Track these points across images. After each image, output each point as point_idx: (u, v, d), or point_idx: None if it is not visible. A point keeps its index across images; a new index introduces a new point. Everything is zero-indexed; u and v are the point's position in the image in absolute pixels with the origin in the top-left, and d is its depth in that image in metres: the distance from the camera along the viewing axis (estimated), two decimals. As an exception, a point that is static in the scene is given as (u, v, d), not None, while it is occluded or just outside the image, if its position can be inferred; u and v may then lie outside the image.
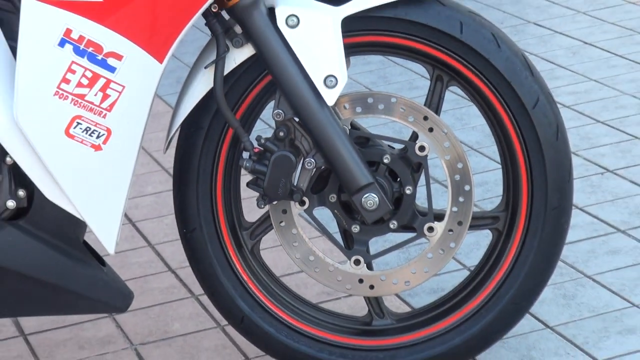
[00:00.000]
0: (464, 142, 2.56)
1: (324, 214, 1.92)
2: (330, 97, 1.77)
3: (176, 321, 2.18)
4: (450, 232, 1.80)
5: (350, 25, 1.77)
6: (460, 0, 1.92)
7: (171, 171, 2.60)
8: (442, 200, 2.10)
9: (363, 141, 1.88)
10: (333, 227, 1.91)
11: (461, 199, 1.83)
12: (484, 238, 2.17)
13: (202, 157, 1.90)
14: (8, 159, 1.75)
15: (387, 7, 1.78)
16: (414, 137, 1.88)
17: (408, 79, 3.35)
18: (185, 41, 1.80)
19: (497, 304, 1.82)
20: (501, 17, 3.65)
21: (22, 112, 1.69)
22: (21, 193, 1.79)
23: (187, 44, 2.27)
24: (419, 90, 3.26)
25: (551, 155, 1.78)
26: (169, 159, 2.14)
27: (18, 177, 1.79)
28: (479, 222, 1.89)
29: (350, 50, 1.81)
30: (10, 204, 1.78)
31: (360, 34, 1.82)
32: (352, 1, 1.78)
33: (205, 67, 1.80)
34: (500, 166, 1.90)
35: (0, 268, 1.80)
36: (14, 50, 1.73)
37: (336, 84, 1.77)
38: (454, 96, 2.54)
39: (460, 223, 1.81)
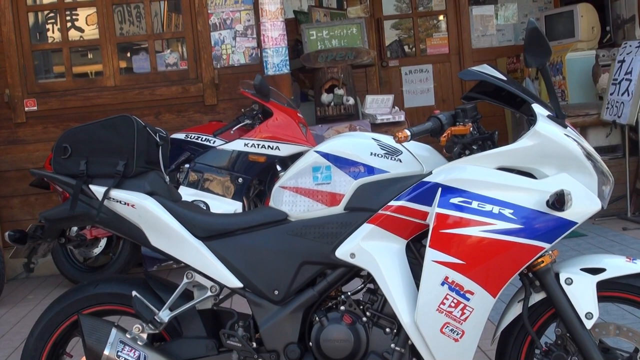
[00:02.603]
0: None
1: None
2: (588, 325, 2.28)
3: None
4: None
5: (602, 285, 2.30)
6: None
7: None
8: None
9: (606, 348, 2.36)
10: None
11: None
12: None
13: (512, 351, 2.44)
14: (410, 342, 2.33)
15: (624, 277, 2.30)
16: (635, 349, 2.36)
17: (621, 313, 3.64)
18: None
19: None
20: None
21: (420, 318, 2.27)
22: None
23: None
24: (627, 320, 3.53)
25: None
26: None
27: (414, 352, 2.37)
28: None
29: (600, 299, 2.30)
30: (410, 366, 2.39)
31: (606, 291, 2.32)
32: (605, 272, 2.28)
33: (518, 302, 2.38)
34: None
35: None
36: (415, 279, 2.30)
37: (592, 317, 2.27)
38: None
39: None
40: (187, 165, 5.42)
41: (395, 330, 2.40)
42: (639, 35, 7.53)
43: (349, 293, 2.50)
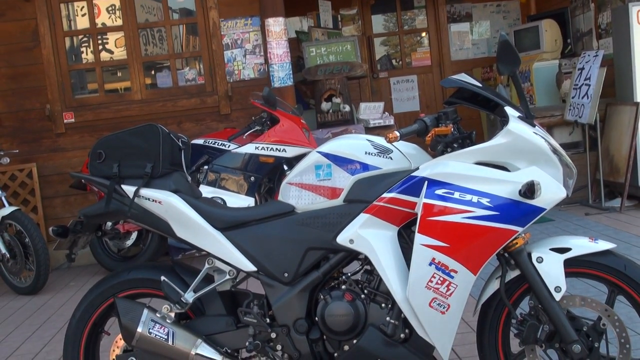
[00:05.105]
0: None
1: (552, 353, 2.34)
2: (557, 297, 2.27)
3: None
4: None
5: (568, 262, 2.28)
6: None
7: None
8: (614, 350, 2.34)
9: (572, 317, 2.34)
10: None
11: (624, 351, 2.31)
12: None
13: (492, 321, 2.41)
14: (403, 315, 2.30)
15: (587, 255, 2.29)
16: (599, 318, 2.30)
17: (585, 287, 3.59)
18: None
19: None
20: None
21: (411, 294, 2.23)
22: (407, 331, 2.33)
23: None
24: (590, 293, 3.47)
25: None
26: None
27: (406, 324, 2.30)
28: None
29: (567, 274, 2.27)
30: (402, 335, 2.33)
31: (572, 267, 2.30)
32: (571, 251, 2.26)
33: (496, 279, 2.35)
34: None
35: None
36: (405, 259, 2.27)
37: (561, 290, 2.26)
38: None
39: (624, 365, 2.25)
40: (205, 167, 5.41)
41: (389, 306, 2.38)
42: (596, 46, 7.52)
43: (349, 274, 2.48)
